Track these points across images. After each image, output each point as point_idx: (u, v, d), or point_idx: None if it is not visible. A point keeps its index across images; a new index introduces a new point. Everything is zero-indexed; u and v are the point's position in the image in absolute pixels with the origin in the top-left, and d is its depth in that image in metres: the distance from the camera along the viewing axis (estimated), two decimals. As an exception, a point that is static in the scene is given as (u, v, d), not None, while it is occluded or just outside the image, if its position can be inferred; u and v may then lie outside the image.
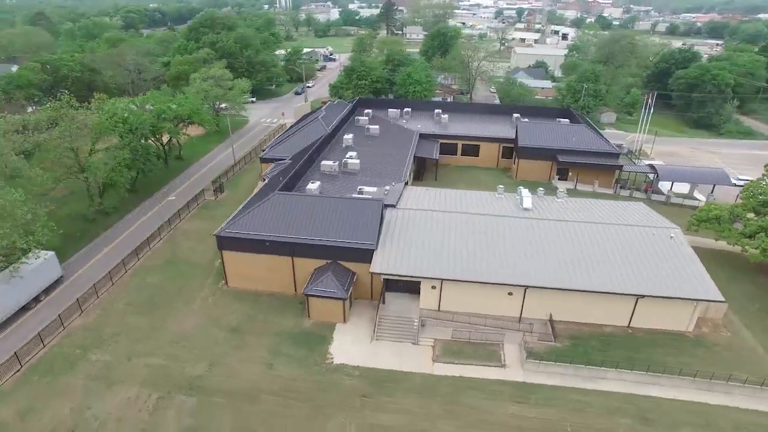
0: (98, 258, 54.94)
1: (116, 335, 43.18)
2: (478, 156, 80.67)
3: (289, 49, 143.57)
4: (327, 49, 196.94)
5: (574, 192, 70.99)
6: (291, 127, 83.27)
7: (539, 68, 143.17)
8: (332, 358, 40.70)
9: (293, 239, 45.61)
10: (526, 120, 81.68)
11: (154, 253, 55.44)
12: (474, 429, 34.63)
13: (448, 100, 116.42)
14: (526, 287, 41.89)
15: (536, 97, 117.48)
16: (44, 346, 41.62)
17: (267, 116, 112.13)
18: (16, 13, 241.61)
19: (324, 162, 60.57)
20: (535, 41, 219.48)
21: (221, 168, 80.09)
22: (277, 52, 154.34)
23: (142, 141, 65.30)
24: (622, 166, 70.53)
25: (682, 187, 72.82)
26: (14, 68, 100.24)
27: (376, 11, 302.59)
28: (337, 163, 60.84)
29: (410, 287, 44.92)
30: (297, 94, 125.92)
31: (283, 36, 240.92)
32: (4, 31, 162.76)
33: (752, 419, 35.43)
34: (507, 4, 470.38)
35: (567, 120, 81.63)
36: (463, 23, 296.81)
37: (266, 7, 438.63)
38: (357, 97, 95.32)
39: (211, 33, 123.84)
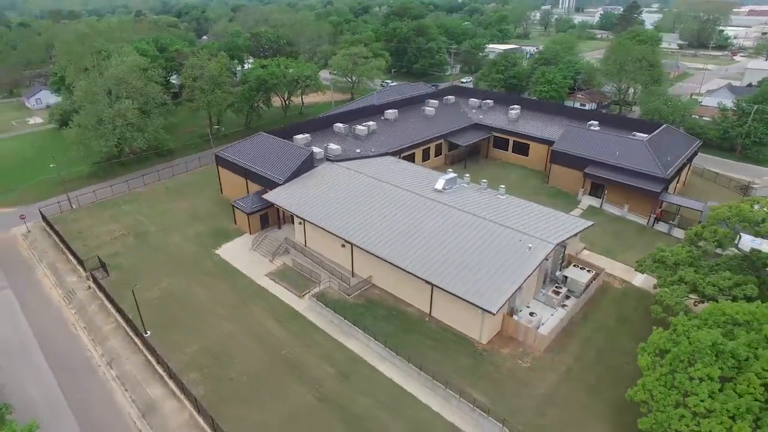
0: (188, 162, 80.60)
1: (142, 201, 66.69)
2: (527, 156, 75.74)
3: (469, 43, 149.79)
4: (537, 48, 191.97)
5: (598, 211, 61.60)
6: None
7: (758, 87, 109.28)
8: (216, 249, 54.11)
9: (246, 166, 59.82)
10: (574, 124, 71.85)
11: (211, 166, 77.93)
12: (230, 320, 43.36)
13: (586, 106, 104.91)
14: (352, 245, 45.50)
15: (696, 117, 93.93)
16: (113, 195, 68.28)
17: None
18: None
19: (336, 124, 71.31)
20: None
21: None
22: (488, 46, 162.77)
23: (253, 92, 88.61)
24: (658, 192, 56.82)
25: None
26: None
27: (657, 15, 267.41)
28: (346, 127, 70.75)
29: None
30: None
31: (516, 33, 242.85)
32: (292, 15, 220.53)
33: (439, 427, 32.73)
34: None
35: (645, 135, 67.53)
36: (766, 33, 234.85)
37: (548, 6, 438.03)
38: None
39: (397, 20, 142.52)
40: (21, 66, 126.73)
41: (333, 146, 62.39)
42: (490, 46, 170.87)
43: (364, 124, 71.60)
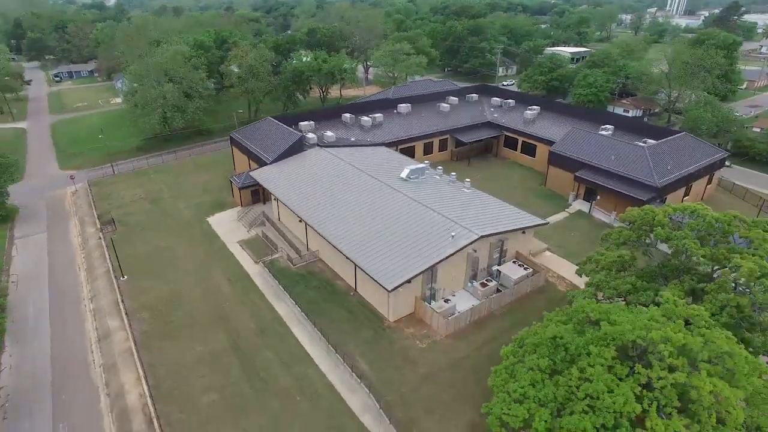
0: (220, 142, 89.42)
1: (169, 172, 76.06)
2: (534, 156, 74.17)
3: (527, 44, 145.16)
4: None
5: (585, 216, 59.76)
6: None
7: None
8: (208, 217, 60.93)
9: (248, 146, 66.18)
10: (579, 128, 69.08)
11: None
12: (193, 275, 49.47)
13: (629, 113, 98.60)
14: (306, 223, 49.34)
15: (757, 129, 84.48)
16: (148, 166, 78.58)
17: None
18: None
19: (344, 114, 75.36)
20: None
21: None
22: (551, 49, 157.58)
23: (289, 83, 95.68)
24: (644, 201, 53.62)
25: None
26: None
27: None
28: (353, 117, 74.56)
29: (279, 200, 58.48)
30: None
31: (597, 37, 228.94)
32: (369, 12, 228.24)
33: (319, 385, 35.76)
34: None
35: (652, 141, 63.50)
36: None
37: (653, 9, 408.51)
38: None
39: (455, 19, 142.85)
40: (118, 54, 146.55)
41: (328, 133, 66.61)
42: (558, 48, 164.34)
43: (370, 115, 74.99)
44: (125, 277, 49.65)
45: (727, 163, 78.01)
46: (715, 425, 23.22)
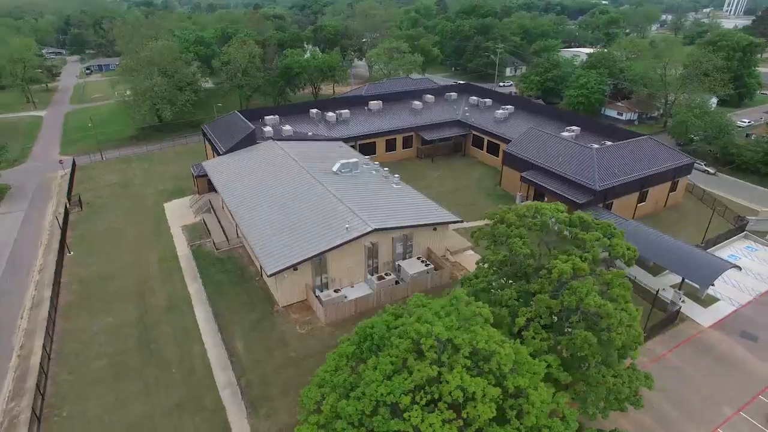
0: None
1: (149, 161, 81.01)
2: (498, 156, 73.40)
3: (537, 45, 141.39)
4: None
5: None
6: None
7: None
8: (165, 203, 64.79)
9: (211, 138, 69.64)
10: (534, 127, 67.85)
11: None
12: (133, 253, 53.16)
13: (623, 116, 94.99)
14: (229, 209, 51.83)
15: (753, 136, 79.47)
16: (133, 154, 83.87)
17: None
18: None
19: (311, 110, 77.44)
20: None
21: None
22: (571, 50, 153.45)
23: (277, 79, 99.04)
24: (580, 204, 52.47)
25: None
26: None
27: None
28: (319, 113, 76.55)
29: (228, 189, 61.38)
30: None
31: (629, 39, 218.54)
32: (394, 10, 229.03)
33: (198, 360, 38.10)
34: None
35: (608, 142, 61.70)
36: None
37: (706, 9, 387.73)
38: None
39: (463, 18, 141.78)
40: (117, 49, 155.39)
41: (286, 127, 68.96)
42: (578, 50, 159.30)
43: (336, 111, 76.67)
44: (72, 252, 53.99)
45: (710, 170, 74.61)
46: (485, 422, 23.50)
